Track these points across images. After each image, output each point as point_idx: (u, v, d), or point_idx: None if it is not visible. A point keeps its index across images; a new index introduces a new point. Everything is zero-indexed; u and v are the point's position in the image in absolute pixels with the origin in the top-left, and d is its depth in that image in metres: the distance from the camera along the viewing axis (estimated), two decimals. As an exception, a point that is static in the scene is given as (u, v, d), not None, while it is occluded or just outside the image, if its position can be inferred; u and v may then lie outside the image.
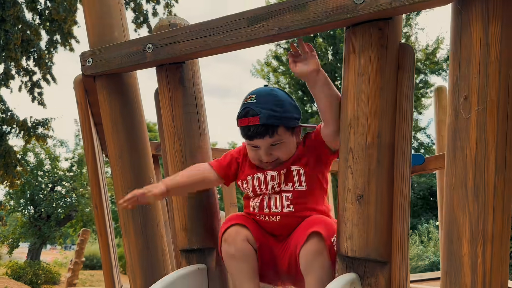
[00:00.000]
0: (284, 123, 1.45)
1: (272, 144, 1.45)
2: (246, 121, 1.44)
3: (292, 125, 1.48)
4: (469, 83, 1.14)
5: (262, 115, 1.41)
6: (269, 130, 1.42)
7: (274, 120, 1.42)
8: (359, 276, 1.28)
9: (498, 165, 1.12)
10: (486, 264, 1.13)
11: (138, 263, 1.65)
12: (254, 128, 1.42)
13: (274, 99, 1.45)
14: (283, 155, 1.48)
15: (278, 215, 1.49)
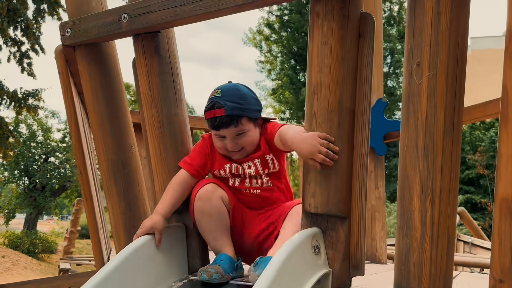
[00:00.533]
0: (247, 114, 1.58)
1: (237, 133, 1.58)
2: (212, 113, 1.56)
3: (254, 116, 1.61)
4: (421, 51, 1.21)
5: (227, 107, 1.54)
6: (233, 120, 1.55)
7: (238, 111, 1.55)
8: (322, 230, 1.39)
9: (446, 127, 1.21)
10: (435, 217, 1.24)
11: (121, 224, 1.76)
12: (220, 119, 1.55)
13: (238, 93, 1.59)
14: (247, 145, 1.61)
15: (258, 189, 1.65)
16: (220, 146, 1.63)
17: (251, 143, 1.61)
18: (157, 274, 1.45)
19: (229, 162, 1.65)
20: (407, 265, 1.29)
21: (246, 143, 1.60)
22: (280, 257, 1.18)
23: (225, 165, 1.65)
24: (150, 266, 1.43)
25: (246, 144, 1.61)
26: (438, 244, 1.24)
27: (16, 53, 10.63)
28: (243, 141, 1.60)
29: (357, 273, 1.41)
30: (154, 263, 1.44)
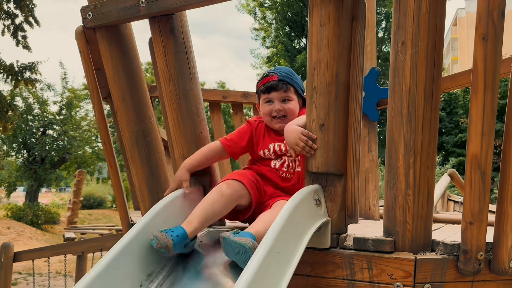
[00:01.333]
0: (296, 86, 1.88)
1: (283, 99, 1.85)
2: (266, 79, 1.87)
3: (300, 91, 1.89)
4: (405, 31, 1.42)
5: (280, 74, 1.86)
6: (284, 85, 1.84)
7: (289, 79, 1.86)
8: (322, 186, 1.63)
9: (426, 96, 1.44)
10: (416, 172, 1.49)
11: (145, 187, 1.99)
12: (273, 82, 1.84)
13: (290, 70, 1.91)
14: (289, 113, 1.85)
15: (291, 173, 1.86)
16: (266, 111, 1.86)
17: (293, 113, 1.85)
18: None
19: (273, 142, 1.86)
20: (393, 212, 1.54)
21: (289, 111, 1.84)
22: (289, 207, 1.42)
23: (269, 144, 1.86)
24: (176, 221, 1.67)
25: (289, 112, 1.84)
26: (420, 194, 1.49)
27: (10, 26, 10.62)
28: (287, 108, 1.84)
29: (352, 221, 1.67)
30: (178, 219, 1.68)
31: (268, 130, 1.92)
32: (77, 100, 20.02)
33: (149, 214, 1.58)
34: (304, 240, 1.44)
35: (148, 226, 1.56)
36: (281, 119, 1.85)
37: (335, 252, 1.61)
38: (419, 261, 1.49)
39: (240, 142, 1.92)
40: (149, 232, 1.54)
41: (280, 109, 1.84)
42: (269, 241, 1.28)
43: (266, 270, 1.24)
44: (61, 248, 5.16)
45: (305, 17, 21.58)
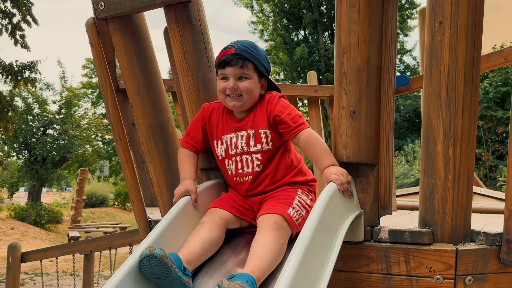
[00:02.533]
0: (255, 62, 1.61)
1: (239, 76, 1.60)
2: (222, 53, 1.63)
3: (260, 69, 1.63)
4: (443, 10, 1.34)
5: (237, 48, 1.60)
6: (240, 60, 1.59)
7: (247, 54, 1.60)
8: (353, 177, 1.55)
9: (466, 78, 1.36)
10: (456, 159, 1.41)
11: (164, 182, 1.92)
12: (228, 56, 1.60)
13: (251, 44, 1.65)
14: (246, 92, 1.60)
15: (250, 175, 1.63)
16: (220, 89, 1.63)
17: (250, 92, 1.61)
18: (207, 223, 1.62)
19: (229, 131, 1.66)
20: (431, 202, 1.47)
21: (245, 90, 1.60)
22: (322, 201, 1.35)
23: (223, 136, 1.66)
24: (199, 216, 1.60)
25: (245, 90, 1.60)
26: (460, 182, 1.42)
27: (7, 25, 10.49)
28: (243, 86, 1.60)
29: (385, 213, 1.59)
30: (202, 213, 1.61)
31: (225, 114, 1.69)
32: (76, 99, 19.91)
33: (173, 211, 1.50)
34: (341, 234, 1.37)
35: (173, 223, 1.48)
36: (236, 98, 1.61)
37: (369, 246, 1.54)
38: (460, 252, 1.42)
39: (197, 135, 1.72)
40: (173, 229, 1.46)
41: (235, 88, 1.60)
42: (307, 237, 1.21)
43: (306, 268, 1.17)
44: (69, 248, 5.11)
45: (303, 9, 21.42)
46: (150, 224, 2.07)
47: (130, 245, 4.66)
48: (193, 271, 1.42)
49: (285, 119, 1.58)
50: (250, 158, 1.63)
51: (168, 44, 1.91)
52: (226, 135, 1.66)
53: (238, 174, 1.65)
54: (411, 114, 18.32)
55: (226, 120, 1.68)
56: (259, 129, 1.62)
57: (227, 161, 1.67)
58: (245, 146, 1.63)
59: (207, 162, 1.80)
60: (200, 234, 1.49)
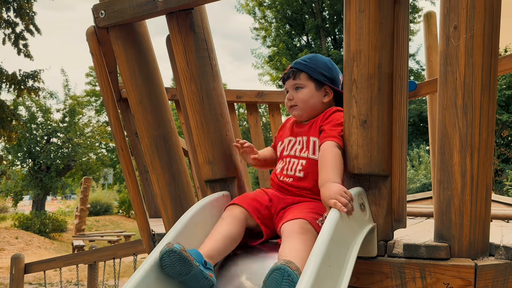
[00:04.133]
0: (308, 71, 1.68)
1: (295, 87, 1.70)
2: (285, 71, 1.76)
3: (316, 77, 1.68)
4: (458, 14, 1.28)
5: (294, 63, 1.73)
6: (293, 73, 1.70)
7: (299, 65, 1.71)
8: (365, 189, 1.49)
9: (483, 85, 1.30)
10: (474, 170, 1.34)
11: (167, 195, 1.85)
12: (287, 72, 1.74)
13: (309, 56, 1.74)
14: (300, 102, 1.68)
15: (291, 177, 1.65)
16: (285, 102, 1.76)
17: (305, 101, 1.67)
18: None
19: (291, 135, 1.74)
20: (448, 215, 1.40)
21: (299, 100, 1.68)
22: (334, 216, 1.28)
23: (284, 138, 1.76)
24: (204, 231, 1.54)
25: (299, 100, 1.68)
26: (478, 194, 1.35)
27: (10, 34, 10.53)
28: (297, 96, 1.69)
29: (399, 226, 1.52)
30: (207, 227, 1.55)
31: (293, 123, 1.79)
32: (79, 107, 19.94)
33: (177, 227, 1.45)
34: (354, 250, 1.30)
35: (177, 239, 1.42)
36: (294, 108, 1.71)
37: (383, 261, 1.47)
38: (479, 268, 1.34)
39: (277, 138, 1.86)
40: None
41: (290, 99, 1.71)
42: (319, 255, 1.14)
43: (320, 287, 1.10)
44: (73, 258, 5.05)
45: (305, 14, 21.41)
46: (153, 238, 2.01)
47: (134, 255, 4.60)
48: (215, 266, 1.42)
49: (324, 128, 1.60)
50: (296, 162, 1.67)
51: (170, 53, 1.85)
52: (287, 138, 1.75)
53: (282, 174, 1.69)
54: (416, 118, 18.21)
55: (293, 126, 1.77)
56: (310, 137, 1.66)
57: (280, 161, 1.75)
58: (298, 151, 1.68)
59: (212, 174, 1.74)
60: (221, 228, 1.50)
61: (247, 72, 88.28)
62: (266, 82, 22.58)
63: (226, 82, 37.98)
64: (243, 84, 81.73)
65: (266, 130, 22.06)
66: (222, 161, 1.74)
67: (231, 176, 1.75)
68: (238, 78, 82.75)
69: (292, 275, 1.17)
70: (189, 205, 1.83)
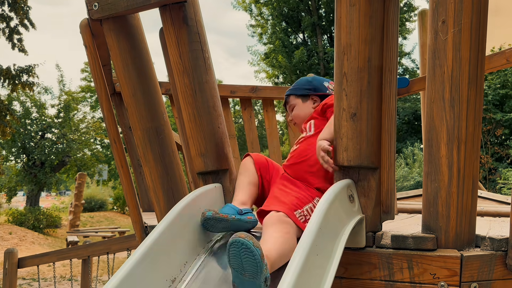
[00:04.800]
0: (293, 92, 2.02)
1: (291, 109, 2.02)
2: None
3: (300, 93, 1.99)
4: (446, 8, 1.30)
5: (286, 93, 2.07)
6: (285, 100, 2.07)
7: (288, 92, 2.05)
8: (354, 181, 1.51)
9: (470, 79, 1.32)
10: (461, 162, 1.37)
11: (160, 187, 1.87)
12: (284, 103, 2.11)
13: (295, 82, 2.06)
14: (295, 117, 2.00)
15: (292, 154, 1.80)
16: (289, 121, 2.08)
17: (298, 116, 1.99)
18: (203, 229, 1.57)
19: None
20: (435, 207, 1.42)
21: (295, 116, 2.00)
22: (323, 206, 1.30)
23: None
24: (196, 223, 1.56)
25: (295, 117, 2.00)
26: (464, 186, 1.37)
27: (5, 29, 10.47)
28: (293, 115, 2.01)
29: (387, 218, 1.55)
30: (199, 219, 1.56)
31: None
32: (74, 103, 19.84)
33: (168, 217, 1.46)
34: (342, 240, 1.33)
35: (168, 230, 1.44)
36: (295, 124, 2.03)
37: (371, 252, 1.49)
38: (465, 258, 1.37)
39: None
40: (169, 236, 1.43)
41: (290, 119, 2.04)
42: (307, 244, 1.16)
43: (307, 275, 1.12)
44: (66, 253, 5.04)
45: (301, 12, 21.41)
46: (146, 230, 2.03)
47: (128, 250, 4.61)
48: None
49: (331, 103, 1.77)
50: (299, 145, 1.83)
51: (163, 45, 1.87)
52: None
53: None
54: (410, 117, 18.28)
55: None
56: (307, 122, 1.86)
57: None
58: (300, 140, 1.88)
59: (204, 166, 1.76)
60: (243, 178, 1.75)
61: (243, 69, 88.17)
62: (262, 79, 22.59)
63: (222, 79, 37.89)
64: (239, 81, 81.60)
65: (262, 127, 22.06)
66: (214, 154, 1.75)
67: (223, 169, 1.77)
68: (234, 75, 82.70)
69: (246, 243, 1.23)
70: (181, 197, 1.84)
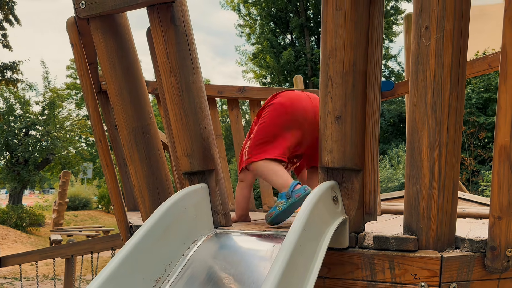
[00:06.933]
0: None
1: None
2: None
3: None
4: (429, 15, 1.33)
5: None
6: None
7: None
8: (338, 182, 1.53)
9: (452, 84, 1.35)
10: (442, 165, 1.40)
11: (145, 187, 1.87)
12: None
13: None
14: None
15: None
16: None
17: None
18: (189, 228, 1.58)
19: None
20: (416, 209, 1.45)
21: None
22: (308, 207, 1.32)
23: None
24: (181, 223, 1.56)
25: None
26: (445, 189, 1.41)
27: (-11, 24, 10.29)
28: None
29: (370, 219, 1.57)
30: (184, 219, 1.57)
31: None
32: (59, 100, 19.59)
33: (153, 218, 1.47)
34: (325, 241, 1.35)
35: (153, 230, 1.45)
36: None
37: (353, 252, 1.51)
38: (445, 259, 1.40)
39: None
40: (154, 236, 1.43)
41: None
42: (291, 244, 1.18)
43: (290, 275, 1.14)
44: (50, 252, 4.99)
45: (290, 13, 21.47)
46: (131, 230, 2.02)
47: (112, 249, 4.58)
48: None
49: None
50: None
51: (151, 45, 1.87)
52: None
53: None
54: (396, 119, 18.48)
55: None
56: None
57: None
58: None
59: (190, 166, 1.76)
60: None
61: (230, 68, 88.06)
62: (250, 79, 22.61)
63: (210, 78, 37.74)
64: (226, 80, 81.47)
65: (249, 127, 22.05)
66: (200, 154, 1.76)
67: (209, 169, 1.77)
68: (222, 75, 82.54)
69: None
70: (167, 197, 1.84)
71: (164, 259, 1.46)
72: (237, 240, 1.66)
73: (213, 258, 1.56)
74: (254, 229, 1.75)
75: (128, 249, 1.34)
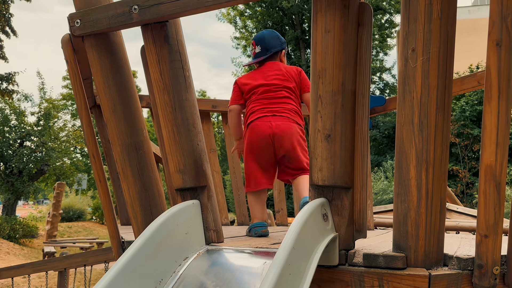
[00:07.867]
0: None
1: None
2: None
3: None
4: (415, 37, 1.37)
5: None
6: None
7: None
8: (328, 200, 1.55)
9: (438, 105, 1.38)
10: (429, 184, 1.42)
11: (138, 203, 1.88)
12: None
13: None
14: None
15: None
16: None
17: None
18: (180, 245, 1.60)
19: None
20: (405, 227, 1.47)
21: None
22: (298, 225, 1.34)
23: None
24: (173, 240, 1.57)
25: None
26: (433, 207, 1.43)
27: (-15, 36, 10.32)
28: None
29: (360, 236, 1.59)
30: (176, 236, 1.59)
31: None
32: (55, 111, 19.56)
33: (145, 234, 1.48)
34: (315, 259, 1.36)
35: (144, 246, 1.46)
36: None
37: (343, 270, 1.53)
38: (433, 277, 1.42)
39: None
40: (145, 253, 1.44)
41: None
42: (280, 263, 1.20)
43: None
44: (43, 265, 4.96)
45: (285, 26, 21.66)
46: (123, 245, 2.03)
47: (105, 262, 4.56)
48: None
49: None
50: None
51: (145, 63, 1.89)
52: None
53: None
54: (391, 130, 18.58)
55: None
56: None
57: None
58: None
59: (183, 182, 1.78)
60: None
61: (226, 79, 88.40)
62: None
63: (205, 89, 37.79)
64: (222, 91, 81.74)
65: (244, 138, 22.01)
66: (193, 170, 1.78)
67: (201, 185, 1.79)
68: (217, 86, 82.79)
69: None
70: (160, 213, 1.86)
71: (155, 277, 1.47)
72: (229, 257, 1.67)
73: (204, 275, 1.57)
74: (245, 246, 1.76)
75: (119, 267, 1.35)
